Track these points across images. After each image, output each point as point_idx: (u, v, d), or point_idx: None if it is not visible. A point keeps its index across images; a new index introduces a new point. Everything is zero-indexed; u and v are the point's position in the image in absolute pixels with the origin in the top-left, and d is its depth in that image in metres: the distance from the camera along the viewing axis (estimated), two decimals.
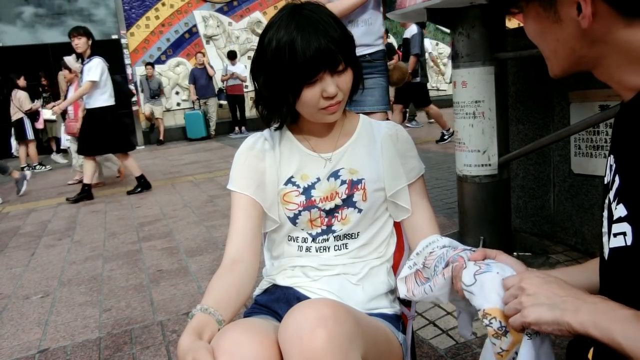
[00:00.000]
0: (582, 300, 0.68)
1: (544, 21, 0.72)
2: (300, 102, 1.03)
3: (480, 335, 1.84)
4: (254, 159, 1.13)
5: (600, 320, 0.64)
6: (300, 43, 0.96)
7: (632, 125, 0.68)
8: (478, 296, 0.81)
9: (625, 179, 0.67)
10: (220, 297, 0.97)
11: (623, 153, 0.70)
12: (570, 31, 0.70)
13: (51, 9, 10.84)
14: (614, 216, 0.69)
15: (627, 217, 0.66)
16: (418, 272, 1.02)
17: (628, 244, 0.65)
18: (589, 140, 2.38)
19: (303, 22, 0.98)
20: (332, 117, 1.07)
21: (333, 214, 1.11)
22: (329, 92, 1.01)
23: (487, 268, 0.84)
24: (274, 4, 12.15)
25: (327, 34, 0.98)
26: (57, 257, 3.53)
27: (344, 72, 1.03)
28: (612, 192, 0.71)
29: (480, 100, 2.33)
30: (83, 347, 2.17)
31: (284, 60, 0.98)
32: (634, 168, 0.66)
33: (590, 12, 0.66)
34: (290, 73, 0.99)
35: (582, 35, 0.69)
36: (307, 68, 0.98)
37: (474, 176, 2.42)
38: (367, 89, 2.49)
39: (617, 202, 0.68)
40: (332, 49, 0.98)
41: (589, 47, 0.70)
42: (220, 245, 3.39)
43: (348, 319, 0.83)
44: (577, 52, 0.71)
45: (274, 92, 1.05)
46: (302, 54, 0.96)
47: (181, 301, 2.53)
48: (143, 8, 11.27)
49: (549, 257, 2.49)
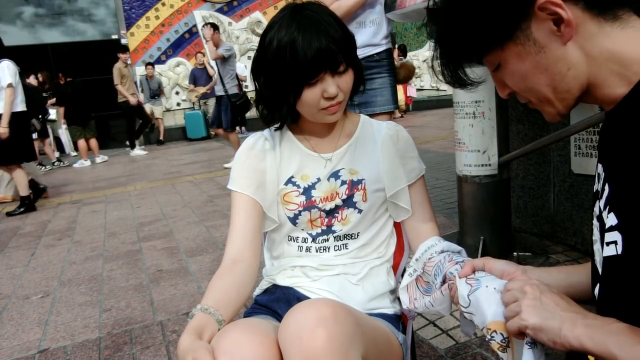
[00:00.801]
0: (581, 316, 0.68)
1: (527, 57, 0.70)
2: (301, 102, 1.03)
3: (481, 335, 1.84)
4: (255, 159, 1.13)
5: (596, 333, 0.64)
6: (301, 43, 0.96)
7: (619, 134, 0.68)
8: (477, 315, 0.82)
9: (615, 187, 0.67)
10: (220, 297, 0.97)
11: (611, 162, 0.70)
12: (554, 54, 0.69)
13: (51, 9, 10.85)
14: (605, 225, 0.69)
15: (618, 225, 0.66)
16: (419, 278, 1.03)
17: (619, 253, 0.65)
18: (589, 140, 2.38)
19: (304, 22, 0.98)
20: (332, 118, 1.07)
21: (333, 215, 1.11)
22: (329, 92, 1.00)
23: (477, 284, 0.84)
24: (274, 4, 12.15)
25: (328, 34, 0.98)
26: (57, 257, 3.53)
27: (345, 73, 1.02)
28: (602, 201, 0.71)
29: (480, 100, 2.33)
30: (83, 347, 2.17)
31: (285, 60, 0.97)
32: (623, 177, 0.66)
33: (571, 15, 0.65)
34: (291, 73, 0.98)
35: (566, 54, 0.68)
36: (308, 68, 0.97)
37: (474, 176, 2.42)
38: (377, 89, 2.49)
39: (608, 211, 0.68)
40: (333, 49, 0.98)
41: (577, 66, 0.69)
42: (220, 245, 3.39)
43: (348, 319, 0.83)
44: (567, 75, 0.70)
45: (275, 92, 1.04)
46: (303, 54, 0.96)
47: (181, 301, 2.53)
48: (143, 8, 11.28)
49: (549, 257, 2.49)
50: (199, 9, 11.72)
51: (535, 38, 0.69)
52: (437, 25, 0.76)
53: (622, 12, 0.67)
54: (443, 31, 0.75)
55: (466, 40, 0.73)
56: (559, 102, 0.73)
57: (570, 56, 0.69)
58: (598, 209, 0.73)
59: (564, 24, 0.66)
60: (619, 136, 0.68)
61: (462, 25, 0.72)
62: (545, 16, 0.67)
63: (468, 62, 0.77)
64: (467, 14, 0.71)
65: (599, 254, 0.73)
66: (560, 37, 0.67)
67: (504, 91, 0.79)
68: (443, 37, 0.76)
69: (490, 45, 0.72)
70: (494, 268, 0.87)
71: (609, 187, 0.69)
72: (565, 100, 0.73)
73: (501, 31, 0.70)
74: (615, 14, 0.67)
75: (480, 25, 0.70)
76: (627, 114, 0.67)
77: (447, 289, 0.91)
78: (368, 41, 2.46)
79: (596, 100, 0.73)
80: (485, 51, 0.73)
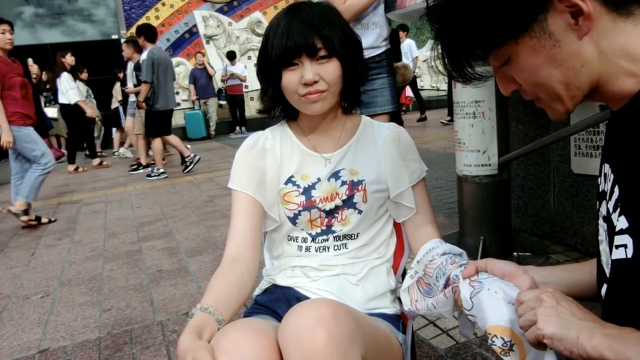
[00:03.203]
0: (598, 325, 0.66)
1: (541, 51, 0.68)
2: (283, 87, 1.06)
3: (481, 335, 1.84)
4: (255, 158, 1.13)
5: (614, 343, 0.62)
6: (282, 26, 1.01)
7: (628, 133, 0.67)
8: (479, 317, 0.82)
9: (625, 190, 0.66)
10: (220, 296, 0.98)
11: (620, 164, 0.69)
12: (569, 49, 0.67)
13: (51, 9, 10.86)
14: (615, 227, 0.67)
15: (628, 229, 0.64)
16: (420, 280, 1.03)
17: (628, 257, 0.64)
18: (589, 140, 2.38)
19: (293, 13, 1.03)
20: (314, 107, 1.06)
21: (333, 215, 1.11)
22: (306, 77, 1.01)
23: (480, 286, 0.84)
24: (274, 4, 12.15)
25: (312, 22, 1.01)
26: (57, 257, 3.53)
27: (327, 61, 1.03)
28: (611, 203, 0.69)
29: (480, 100, 2.33)
30: (83, 347, 2.17)
31: (269, 46, 1.03)
32: (633, 179, 0.64)
33: (591, 8, 0.64)
34: (272, 57, 1.03)
35: (580, 49, 0.67)
36: (284, 51, 1.01)
37: (474, 176, 2.42)
38: (377, 90, 2.49)
39: (618, 214, 0.67)
40: (313, 32, 1.00)
41: (590, 63, 0.68)
42: (220, 245, 3.39)
43: (348, 319, 0.83)
44: (580, 72, 0.69)
45: (264, 79, 1.09)
46: (283, 37, 1.00)
47: (181, 301, 2.53)
48: (143, 8, 11.28)
49: (549, 257, 2.49)
50: (199, 9, 11.72)
51: (551, 31, 0.67)
52: (444, 18, 0.73)
53: (635, 8, 0.66)
54: (452, 24, 0.72)
55: (479, 33, 0.70)
56: (569, 99, 0.72)
57: (585, 52, 0.67)
58: (606, 210, 0.72)
59: (583, 17, 0.65)
60: (629, 136, 0.66)
61: (476, 16, 0.69)
62: (563, 8, 0.65)
63: (474, 57, 0.74)
64: (482, 5, 0.68)
65: (605, 255, 0.72)
66: (577, 30, 0.66)
67: (508, 88, 0.77)
68: (452, 30, 0.72)
69: (505, 38, 0.69)
70: (495, 268, 0.87)
71: (619, 189, 0.67)
72: (575, 98, 0.72)
73: (518, 23, 0.67)
74: (629, 10, 0.66)
75: (497, 17, 0.68)
76: (636, 113, 0.66)
77: (450, 292, 0.90)
78: (372, 44, 2.46)
79: (603, 98, 0.72)
80: (498, 44, 0.70)
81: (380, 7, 2.51)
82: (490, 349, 0.81)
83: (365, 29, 2.45)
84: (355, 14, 2.31)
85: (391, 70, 2.61)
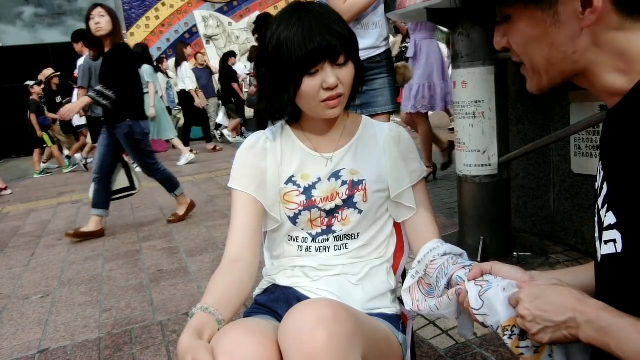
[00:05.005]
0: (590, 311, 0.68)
1: (541, 25, 0.70)
2: (301, 93, 1.03)
3: (481, 335, 1.84)
4: (256, 158, 1.13)
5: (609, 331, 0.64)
6: (302, 33, 0.98)
7: (618, 132, 0.68)
8: (491, 315, 0.82)
9: (613, 186, 0.68)
10: (221, 296, 0.98)
11: (610, 160, 0.70)
12: (566, 33, 0.69)
13: (51, 9, 10.86)
14: (603, 223, 0.69)
15: (616, 224, 0.66)
16: (421, 280, 1.03)
17: (618, 252, 0.65)
18: (589, 140, 2.38)
19: (305, 15, 1.00)
20: (332, 112, 1.06)
21: (333, 215, 1.11)
22: (329, 82, 1.01)
23: (488, 285, 0.84)
24: (274, 4, 12.15)
25: (328, 25, 1.00)
26: (57, 257, 3.53)
27: (345, 65, 1.03)
28: (600, 199, 0.71)
29: (480, 100, 2.33)
30: (83, 347, 2.17)
31: (285, 51, 0.99)
32: (621, 175, 0.66)
33: (601, 4, 0.65)
34: (291, 63, 0.99)
35: (577, 37, 0.69)
36: (307, 57, 0.98)
37: (474, 176, 2.42)
38: (377, 90, 2.50)
39: (606, 210, 0.68)
40: (334, 39, 0.99)
41: (582, 52, 0.69)
42: (220, 245, 3.39)
43: (348, 319, 0.83)
44: (569, 57, 0.70)
45: (275, 84, 1.05)
46: (304, 44, 0.97)
47: (181, 301, 2.53)
48: (143, 8, 11.27)
49: (549, 257, 2.49)
50: (199, 9, 11.72)
51: (558, 11, 0.69)
52: None
53: None
54: None
55: None
56: (547, 78, 0.74)
57: (580, 42, 0.69)
58: (597, 207, 0.73)
59: (591, 10, 0.66)
60: (618, 134, 0.68)
61: None
62: None
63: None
64: None
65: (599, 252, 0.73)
66: (580, 20, 0.67)
67: (499, 43, 0.80)
68: None
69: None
70: (501, 272, 0.87)
71: (607, 186, 0.69)
72: (553, 79, 0.74)
73: None
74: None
75: None
76: (626, 113, 0.67)
77: (454, 294, 0.90)
78: (373, 44, 2.46)
79: (592, 87, 0.73)
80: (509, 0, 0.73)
81: (380, 7, 2.51)
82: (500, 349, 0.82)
83: (365, 29, 2.45)
84: (355, 14, 2.31)
85: (391, 70, 2.61)
